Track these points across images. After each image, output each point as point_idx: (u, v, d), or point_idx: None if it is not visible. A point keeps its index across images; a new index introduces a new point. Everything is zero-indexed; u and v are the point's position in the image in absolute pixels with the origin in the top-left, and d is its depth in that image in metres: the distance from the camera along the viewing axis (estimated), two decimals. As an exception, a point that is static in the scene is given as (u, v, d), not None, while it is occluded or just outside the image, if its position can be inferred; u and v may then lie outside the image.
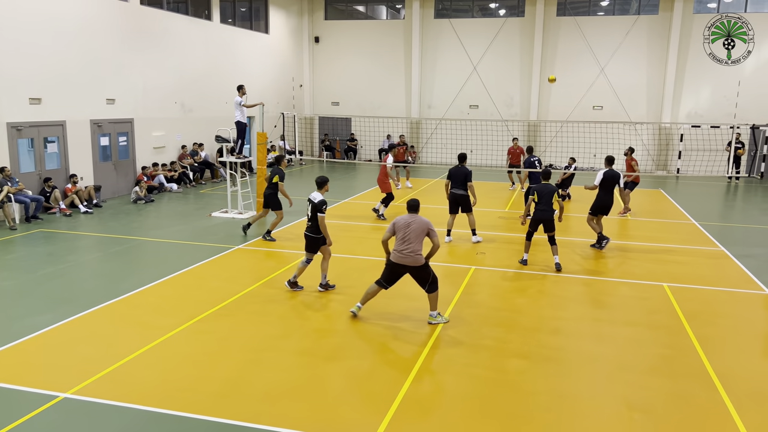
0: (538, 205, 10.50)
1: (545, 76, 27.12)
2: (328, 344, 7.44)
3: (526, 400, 6.12)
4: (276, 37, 26.96)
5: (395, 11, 29.75)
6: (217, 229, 13.56)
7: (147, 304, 8.73)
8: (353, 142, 28.85)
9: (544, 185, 10.60)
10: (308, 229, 9.11)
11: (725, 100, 25.17)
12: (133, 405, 5.83)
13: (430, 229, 7.85)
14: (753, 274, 10.70)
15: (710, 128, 22.80)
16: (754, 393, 6.31)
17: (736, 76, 24.90)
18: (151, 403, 5.88)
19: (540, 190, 10.53)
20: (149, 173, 18.28)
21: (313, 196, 8.98)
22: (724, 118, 24.87)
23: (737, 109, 24.89)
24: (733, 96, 25.02)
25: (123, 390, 6.12)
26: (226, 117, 19.22)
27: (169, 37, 19.65)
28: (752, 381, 6.60)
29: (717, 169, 23.50)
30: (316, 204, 8.89)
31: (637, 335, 7.90)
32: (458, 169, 12.54)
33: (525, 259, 10.95)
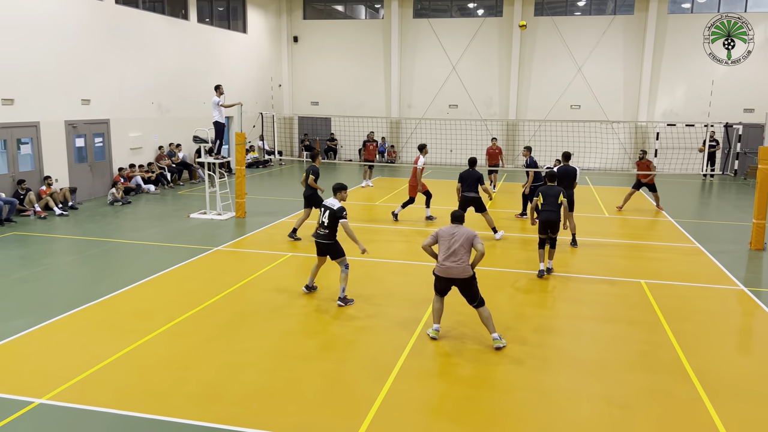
0: (544, 207, 10.14)
1: (524, 75, 27.34)
2: (309, 346, 7.41)
3: (507, 398, 6.15)
4: (254, 37, 26.79)
5: (374, 11, 29.74)
6: (196, 231, 13.44)
7: (124, 307, 8.61)
8: (333, 142, 28.78)
9: (549, 187, 10.28)
10: (321, 236, 8.66)
11: (699, 98, 25.59)
12: (110, 410, 5.75)
13: (476, 237, 7.37)
14: (727, 269, 10.88)
15: (685, 126, 23.13)
16: (729, 386, 6.40)
17: (709, 75, 25.32)
18: (128, 407, 5.80)
19: (545, 191, 10.19)
20: (126, 174, 18.05)
21: (331, 203, 8.69)
22: (698, 116, 25.28)
23: (711, 108, 25.32)
24: (707, 95, 25.44)
25: (99, 395, 6.03)
26: (204, 117, 19.05)
27: (146, 36, 19.42)
28: (727, 375, 6.70)
29: (692, 167, 23.86)
30: (335, 210, 8.57)
31: (616, 331, 7.98)
32: (469, 172, 12.78)
33: (542, 270, 10.28)
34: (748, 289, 9.77)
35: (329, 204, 8.71)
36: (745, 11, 25.07)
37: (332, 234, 8.65)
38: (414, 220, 15.00)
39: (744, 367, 6.98)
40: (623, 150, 26.42)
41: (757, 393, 6.28)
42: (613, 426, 5.65)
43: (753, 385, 6.47)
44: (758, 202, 12.25)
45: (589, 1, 27.14)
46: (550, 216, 10.11)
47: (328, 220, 8.62)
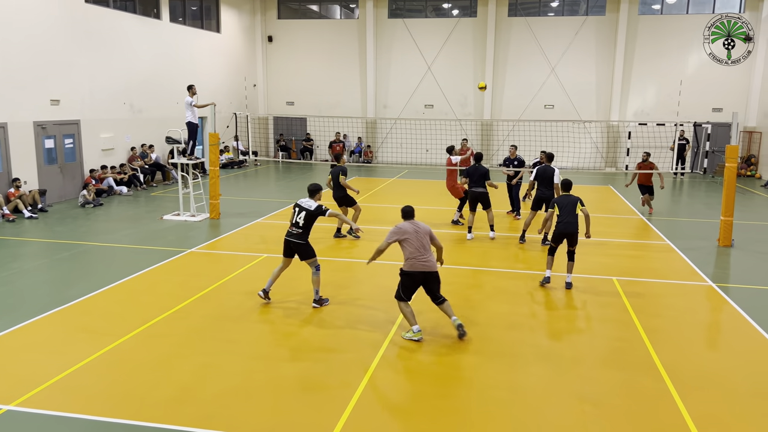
0: (561, 218, 9.55)
1: (498, 75, 27.56)
2: (284, 346, 7.39)
3: (482, 396, 6.20)
4: (228, 37, 26.58)
5: (349, 11, 29.71)
6: (169, 232, 13.29)
7: (96, 310, 8.49)
8: (309, 142, 28.70)
9: (564, 196, 9.73)
10: (294, 236, 8.56)
11: (669, 98, 26.07)
12: (82, 415, 5.67)
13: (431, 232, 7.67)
14: (696, 266, 11.11)
15: (656, 126, 23.54)
16: (697, 381, 6.55)
17: (678, 75, 25.82)
18: (100, 412, 5.73)
19: (561, 201, 9.65)
20: (98, 176, 17.78)
21: (307, 204, 8.60)
22: (669, 116, 25.75)
23: (680, 108, 25.81)
24: (676, 95, 25.93)
25: (71, 400, 5.94)
26: (178, 117, 18.83)
27: (117, 36, 19.15)
28: (695, 369, 6.85)
29: (663, 166, 24.28)
30: (312, 211, 8.51)
31: (589, 328, 8.11)
32: (476, 168, 12.99)
33: (548, 277, 9.84)
34: (716, 285, 9.98)
35: (305, 205, 8.65)
36: (713, 12, 25.64)
37: (305, 234, 8.61)
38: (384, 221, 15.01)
39: (711, 362, 7.14)
40: (596, 149, 26.78)
41: (723, 387, 6.43)
42: (585, 422, 5.74)
43: (719, 379, 6.62)
44: (726, 200, 12.52)
45: (561, 2, 27.45)
46: (569, 227, 9.50)
47: (303, 220, 8.56)
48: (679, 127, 23.79)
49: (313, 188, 8.84)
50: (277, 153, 28.91)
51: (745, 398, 6.20)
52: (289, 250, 8.71)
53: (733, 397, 6.21)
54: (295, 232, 8.60)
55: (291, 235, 8.66)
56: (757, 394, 6.28)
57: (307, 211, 8.57)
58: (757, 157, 24.86)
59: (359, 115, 28.68)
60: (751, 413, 5.92)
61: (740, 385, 6.49)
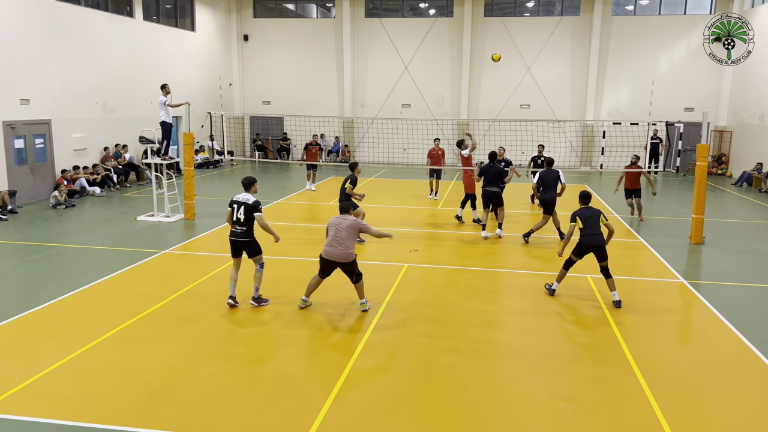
0: (587, 231, 8.99)
1: (474, 75, 27.71)
2: (258, 348, 7.34)
3: (458, 394, 6.22)
4: (203, 35, 26.33)
5: (326, 9, 29.63)
6: (143, 234, 13.12)
7: (67, 313, 8.35)
8: (286, 141, 28.55)
9: (586, 209, 9.23)
10: (239, 235, 8.42)
11: (643, 98, 26.46)
12: (52, 420, 5.57)
13: (361, 227, 8.34)
14: (668, 263, 11.28)
15: (630, 125, 23.89)
16: (668, 376, 6.65)
17: (651, 75, 26.23)
18: (71, 417, 5.63)
19: (583, 214, 9.12)
20: (69, 177, 17.48)
21: (244, 198, 8.45)
22: (642, 115, 26.14)
23: (653, 107, 26.21)
24: (649, 94, 26.33)
25: (41, 405, 5.83)
26: (152, 117, 18.60)
27: (89, 34, 18.85)
28: (666, 365, 6.96)
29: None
30: (251, 205, 8.37)
31: (562, 326, 8.18)
32: (490, 167, 12.94)
33: (553, 289, 9.34)
34: (687, 282, 10.15)
35: (243, 199, 8.42)
36: (685, 13, 26.09)
37: (250, 230, 8.47)
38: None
39: (682, 358, 7.26)
40: (571, 148, 27.07)
41: (694, 382, 6.55)
42: (559, 418, 5.79)
43: (690, 374, 6.74)
44: (697, 198, 12.74)
45: (537, 3, 27.70)
46: (597, 239, 8.91)
47: (244, 215, 8.36)
48: (652, 126, 24.16)
49: (247, 181, 8.60)
50: (253, 153, 28.71)
51: (716, 393, 6.32)
52: (237, 249, 8.56)
53: (703, 392, 6.32)
54: (239, 230, 8.42)
55: (235, 234, 8.47)
56: (726, 389, 6.41)
57: (245, 204, 8.38)
58: (727, 156, 25.35)
59: (336, 115, 28.62)
60: (721, 408, 6.03)
61: (710, 379, 6.61)
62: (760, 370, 6.85)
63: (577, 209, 9.32)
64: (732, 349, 7.45)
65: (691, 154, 25.10)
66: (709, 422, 5.75)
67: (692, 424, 5.70)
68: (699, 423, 5.73)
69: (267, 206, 16.41)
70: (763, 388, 6.45)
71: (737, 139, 24.86)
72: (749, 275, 10.75)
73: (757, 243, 13.26)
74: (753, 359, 7.14)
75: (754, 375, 6.75)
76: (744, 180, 22.17)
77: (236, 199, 8.48)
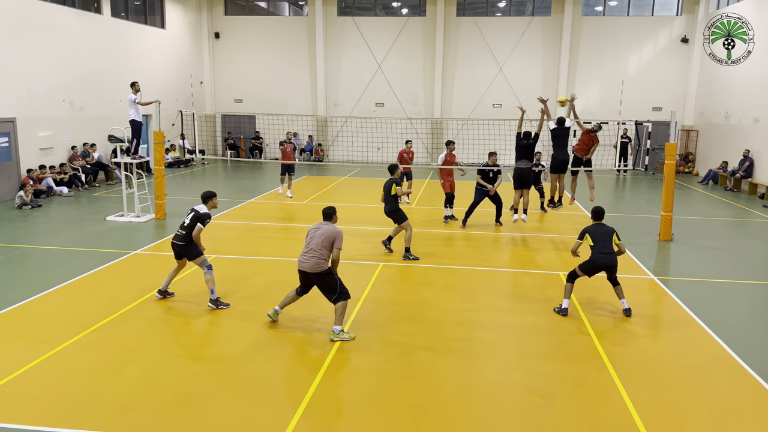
0: (597, 248, 8.50)
1: (447, 75, 27.81)
2: (234, 349, 7.25)
3: (435, 393, 6.23)
4: (173, 33, 25.94)
5: (298, 8, 29.46)
6: (113, 234, 12.87)
7: (34, 315, 8.14)
8: (258, 140, 28.30)
9: (598, 225, 8.70)
10: (177, 237, 8.55)
11: (612, 97, 26.88)
12: (19, 426, 5.42)
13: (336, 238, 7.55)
14: (639, 260, 11.47)
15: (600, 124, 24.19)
16: (640, 372, 6.76)
17: (620, 75, 26.65)
18: (40, 422, 5.49)
19: (594, 231, 8.60)
20: (36, 176, 17.06)
21: (198, 207, 8.55)
22: (612, 115, 26.53)
23: (622, 107, 26.65)
24: (618, 94, 26.76)
25: (8, 410, 5.67)
26: (121, 116, 18.26)
27: (55, 30, 18.43)
28: (638, 361, 7.08)
29: (607, 163, 25.01)
30: (200, 214, 8.44)
31: (537, 323, 8.25)
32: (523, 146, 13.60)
33: (565, 308, 8.58)
34: (657, 278, 10.34)
35: (197, 208, 8.56)
36: (653, 15, 26.58)
37: (188, 236, 8.49)
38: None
39: (653, 352, 7.38)
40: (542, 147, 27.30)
41: (664, 376, 6.66)
42: (535, 414, 5.84)
43: (660, 368, 6.86)
44: (665, 196, 12.99)
45: (509, 3, 27.93)
46: (609, 259, 8.47)
47: (189, 221, 8.47)
48: (621, 125, 24.54)
49: (205, 195, 8.74)
50: (225, 151, 28.40)
51: (685, 385, 6.45)
52: (176, 253, 8.67)
53: (673, 385, 6.44)
54: (180, 233, 8.54)
55: (176, 237, 8.62)
56: (695, 382, 6.54)
57: (195, 212, 8.49)
58: (694, 155, 25.91)
59: (310, 113, 28.47)
60: (690, 400, 6.15)
61: (681, 374, 6.73)
62: (727, 364, 7.01)
63: (589, 226, 8.72)
64: (701, 344, 7.61)
65: (660, 152, 25.57)
66: (680, 416, 5.86)
67: (664, 418, 5.79)
68: (670, 417, 5.83)
69: (239, 206, 16.27)
70: (730, 381, 6.60)
71: (703, 138, 25.42)
72: (716, 271, 10.99)
73: (723, 239, 13.57)
74: (721, 353, 7.30)
75: (722, 368, 6.90)
76: (710, 178, 22.68)
77: (194, 207, 8.62)
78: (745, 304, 9.34)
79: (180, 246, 8.53)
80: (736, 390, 6.39)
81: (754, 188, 20.09)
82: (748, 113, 21.45)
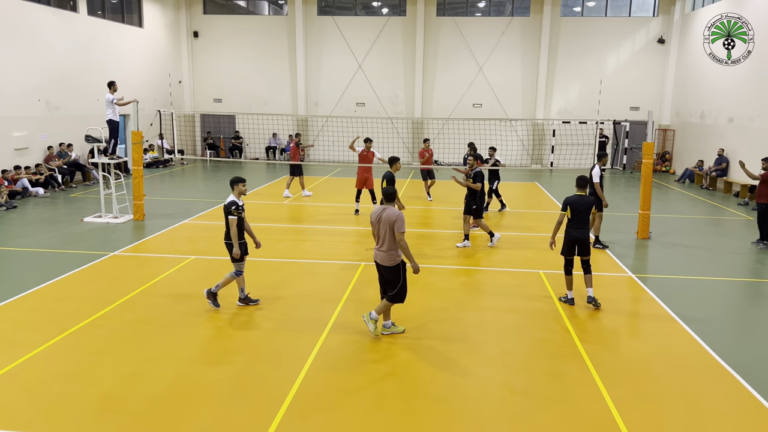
0: (572, 223, 8.54)
1: (428, 74, 27.90)
2: (214, 350, 7.19)
3: (417, 392, 6.24)
4: (151, 31, 25.67)
5: (278, 7, 29.32)
6: (90, 235, 12.70)
7: (9, 319, 8.00)
8: (238, 140, 28.11)
9: (579, 197, 8.61)
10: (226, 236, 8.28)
11: (591, 97, 27.17)
12: (-6, 431, 5.33)
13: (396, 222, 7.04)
14: (617, 258, 11.61)
15: (579, 124, 24.47)
16: (619, 368, 6.84)
17: (598, 74, 26.95)
18: (15, 426, 5.40)
19: (575, 203, 8.56)
20: (10, 177, 16.77)
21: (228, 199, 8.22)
22: (590, 114, 26.83)
23: (600, 106, 26.95)
24: (597, 93, 27.06)
25: (-19, 416, 5.57)
26: (99, 115, 18.04)
27: (28, 29, 18.13)
28: (618, 357, 7.16)
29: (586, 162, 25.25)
30: (226, 205, 8.13)
31: (517, 321, 8.31)
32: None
33: (571, 298, 8.81)
34: (635, 276, 10.47)
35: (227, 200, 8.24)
36: (630, 15, 26.91)
37: (227, 233, 8.20)
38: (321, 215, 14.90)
39: (631, 349, 7.48)
40: (522, 146, 27.56)
41: (643, 372, 6.75)
42: (516, 412, 5.88)
43: (639, 365, 6.94)
44: (643, 194, 13.16)
45: (488, 3, 28.08)
46: (583, 234, 8.47)
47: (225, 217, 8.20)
48: (600, 125, 24.81)
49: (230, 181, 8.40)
50: (204, 151, 28.17)
51: (662, 381, 6.53)
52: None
53: (651, 381, 6.52)
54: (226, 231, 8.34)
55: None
56: (672, 377, 6.63)
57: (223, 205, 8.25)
58: (671, 154, 26.28)
59: (290, 113, 28.35)
60: (667, 395, 6.24)
61: (659, 370, 6.82)
62: (704, 359, 7.12)
63: (571, 196, 8.63)
64: (676, 338, 7.72)
65: (637, 152, 25.91)
66: (659, 411, 5.94)
67: (642, 413, 5.87)
68: (649, 412, 5.90)
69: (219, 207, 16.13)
70: (708, 376, 6.71)
71: (680, 137, 25.79)
72: (693, 268, 11.16)
73: (700, 237, 13.78)
74: (697, 348, 7.41)
75: (698, 363, 7.01)
76: (686, 177, 23.02)
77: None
78: (720, 300, 9.50)
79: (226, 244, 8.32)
80: (712, 385, 6.50)
81: (729, 186, 20.44)
82: (723, 113, 21.81)
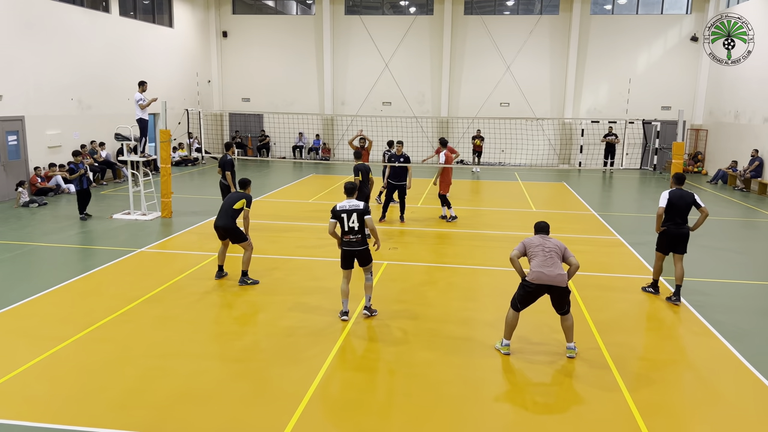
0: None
1: (455, 73, 27.77)
2: (234, 347, 7.26)
3: (435, 391, 6.20)
4: (181, 32, 26.03)
5: (306, 6, 29.47)
6: (119, 232, 12.93)
7: (38, 313, 8.18)
8: (264, 138, 28.34)
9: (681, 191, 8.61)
10: (353, 243, 7.95)
11: (620, 96, 26.73)
12: (21, 422, 5.45)
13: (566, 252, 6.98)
14: (644, 260, 11.39)
15: (608, 123, 24.11)
16: (643, 371, 6.70)
17: (628, 73, 26.50)
18: (41, 418, 5.51)
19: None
20: (44, 174, 17.16)
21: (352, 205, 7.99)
22: (620, 113, 26.39)
23: (629, 105, 26.49)
24: (626, 92, 26.61)
25: (11, 406, 5.71)
26: (129, 114, 18.33)
27: (63, 29, 18.53)
28: (641, 360, 7.02)
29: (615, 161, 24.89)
30: (362, 209, 7.96)
31: (539, 321, 8.20)
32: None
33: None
34: (663, 278, 10.25)
35: (351, 206, 7.96)
36: (662, 13, 26.39)
37: (364, 238, 8.02)
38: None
39: (657, 354, 7.32)
40: (550, 146, 27.25)
41: (667, 378, 6.60)
42: (537, 413, 5.80)
43: (663, 371, 6.79)
44: (672, 195, 12.85)
45: (516, 1, 27.81)
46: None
47: (357, 223, 7.92)
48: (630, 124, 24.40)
49: (349, 186, 8.26)
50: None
51: (689, 388, 6.38)
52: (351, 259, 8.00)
53: (677, 387, 6.38)
54: (354, 239, 7.92)
55: (350, 244, 7.93)
56: (700, 384, 6.47)
57: (356, 211, 7.88)
58: (703, 154, 25.70)
59: (317, 112, 28.49)
60: (695, 401, 6.09)
61: (684, 375, 6.67)
62: (734, 366, 6.93)
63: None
64: (705, 344, 7.54)
65: (668, 152, 25.38)
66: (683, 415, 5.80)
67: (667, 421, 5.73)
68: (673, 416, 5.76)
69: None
70: (737, 384, 6.52)
71: (713, 137, 25.22)
72: (724, 272, 10.90)
73: (733, 240, 13.44)
74: (728, 355, 7.22)
75: (728, 370, 6.82)
76: (719, 178, 22.50)
77: (342, 208, 7.92)
78: (754, 306, 9.24)
79: (359, 251, 8.01)
80: (743, 393, 6.32)
81: (764, 188, 19.91)
82: (758, 113, 21.26)
